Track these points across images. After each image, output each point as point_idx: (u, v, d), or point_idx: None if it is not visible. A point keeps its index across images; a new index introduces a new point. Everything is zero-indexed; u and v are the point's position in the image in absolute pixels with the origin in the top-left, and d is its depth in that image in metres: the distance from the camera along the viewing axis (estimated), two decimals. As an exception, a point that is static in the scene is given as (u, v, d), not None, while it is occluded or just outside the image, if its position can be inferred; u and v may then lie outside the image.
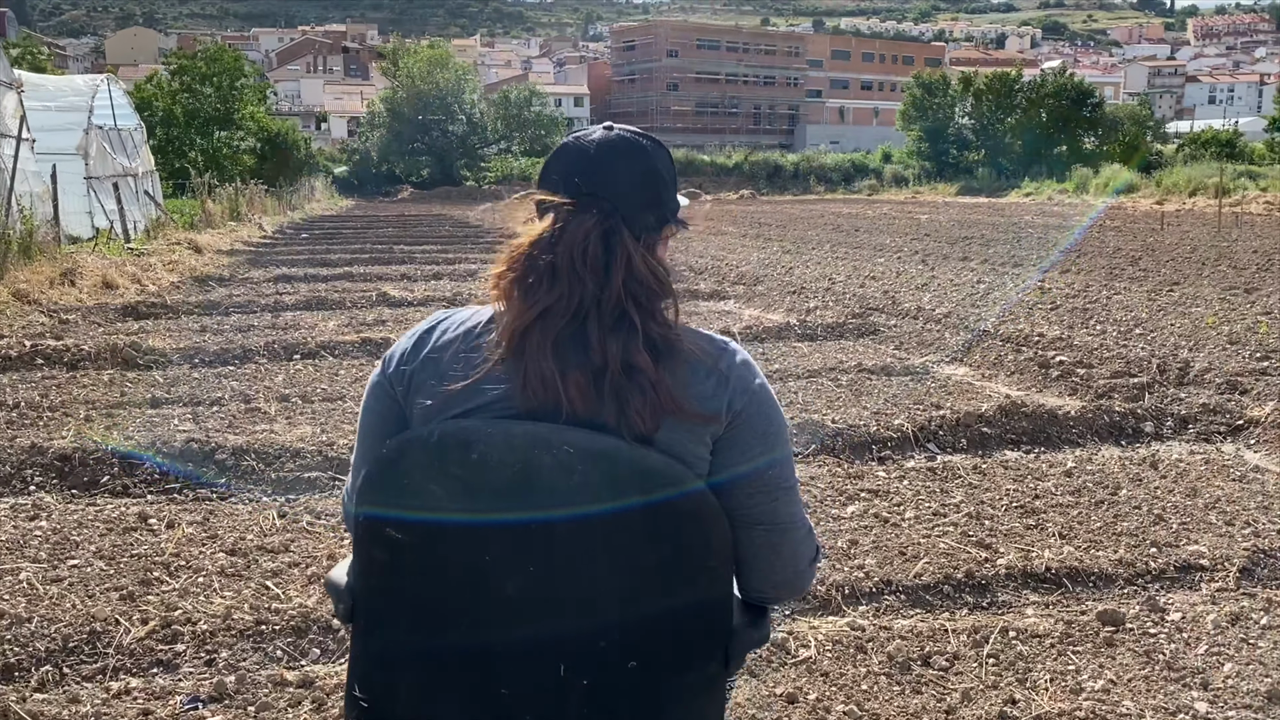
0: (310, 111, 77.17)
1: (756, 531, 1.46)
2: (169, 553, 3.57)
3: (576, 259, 1.36)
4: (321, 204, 38.16)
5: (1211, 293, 10.38)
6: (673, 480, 1.33)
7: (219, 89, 38.89)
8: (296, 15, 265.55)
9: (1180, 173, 35.51)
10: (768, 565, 1.49)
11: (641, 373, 1.34)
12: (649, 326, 1.37)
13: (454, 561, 1.38)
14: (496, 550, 1.35)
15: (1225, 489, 4.35)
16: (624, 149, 1.46)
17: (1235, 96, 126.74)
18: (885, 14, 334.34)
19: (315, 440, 4.93)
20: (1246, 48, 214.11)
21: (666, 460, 1.34)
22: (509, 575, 1.35)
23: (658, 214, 1.47)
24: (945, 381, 6.70)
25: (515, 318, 1.37)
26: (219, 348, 7.47)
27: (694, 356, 1.40)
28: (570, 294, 1.35)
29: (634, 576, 1.36)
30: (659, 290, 1.40)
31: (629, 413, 1.33)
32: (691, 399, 1.38)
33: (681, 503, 1.34)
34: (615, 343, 1.34)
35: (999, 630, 3.01)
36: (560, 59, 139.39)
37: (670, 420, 1.36)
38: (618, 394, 1.33)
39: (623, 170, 1.44)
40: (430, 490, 1.34)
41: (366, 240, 19.86)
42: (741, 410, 1.41)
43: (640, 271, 1.39)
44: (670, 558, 1.36)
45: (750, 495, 1.44)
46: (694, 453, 1.39)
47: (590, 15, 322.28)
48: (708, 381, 1.40)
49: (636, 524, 1.34)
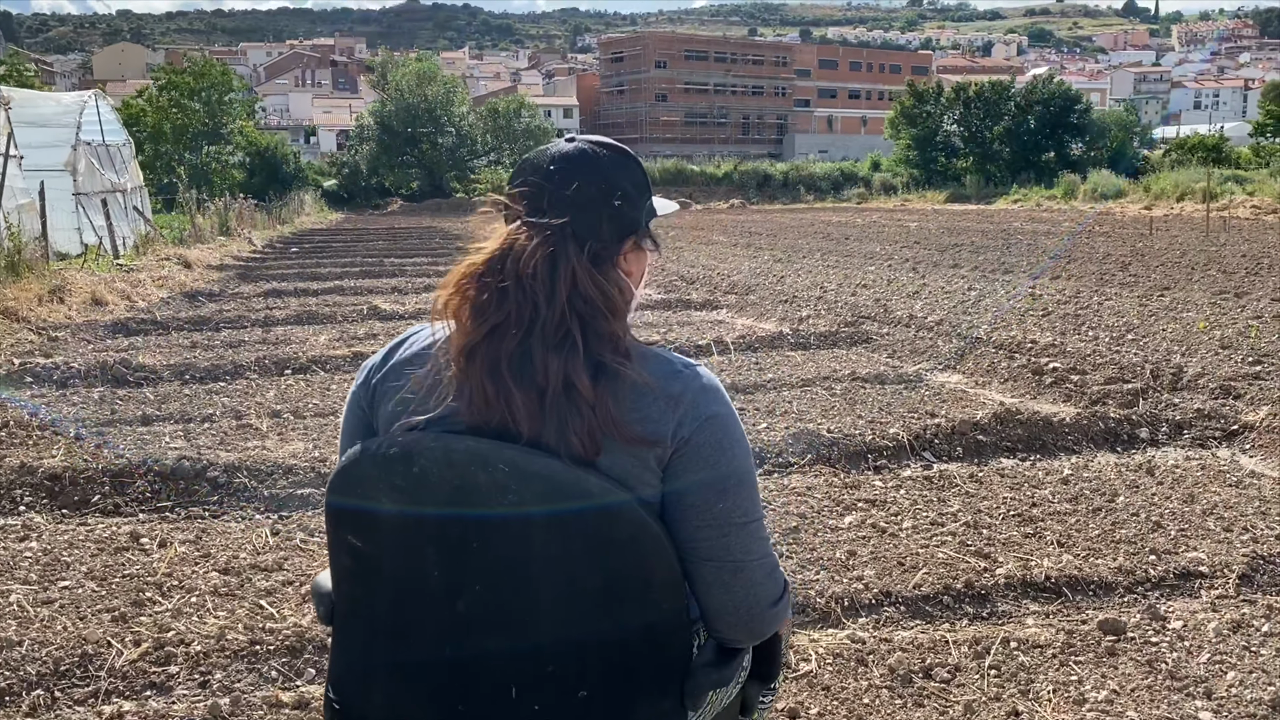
0: (299, 125, 77.16)
1: (707, 568, 1.40)
2: (161, 572, 3.54)
3: (525, 278, 1.34)
4: (311, 217, 38.07)
5: (1202, 297, 10.40)
6: (607, 505, 1.30)
7: (207, 104, 38.92)
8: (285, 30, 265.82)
9: (1167, 178, 35.66)
10: (719, 604, 1.42)
11: (580, 393, 1.31)
12: (593, 346, 1.34)
13: (406, 574, 1.38)
14: (443, 566, 1.35)
15: (1222, 495, 4.35)
16: (578, 162, 1.43)
17: (1220, 102, 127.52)
18: (872, 23, 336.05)
19: (308, 456, 4.90)
20: (1231, 53, 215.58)
21: (604, 485, 1.30)
22: (457, 592, 1.35)
23: (616, 227, 1.44)
24: (939, 389, 6.69)
25: (463, 336, 1.35)
26: (210, 364, 7.43)
27: (643, 378, 1.35)
28: (519, 313, 1.33)
29: (575, 602, 1.34)
30: (606, 309, 1.37)
31: (567, 434, 1.30)
32: (634, 422, 1.33)
33: (616, 529, 1.31)
34: (556, 362, 1.31)
35: (1000, 641, 2.99)
36: (549, 71, 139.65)
37: (613, 443, 1.32)
38: (558, 414, 1.31)
39: (576, 184, 1.41)
40: (380, 501, 1.35)
41: (357, 253, 19.82)
42: (690, 437, 1.36)
43: (586, 290, 1.35)
44: (609, 585, 1.34)
45: (698, 529, 1.38)
46: (640, 478, 1.35)
47: (578, 27, 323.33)
48: (655, 404, 1.35)
49: (573, 548, 1.32)
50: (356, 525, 1.39)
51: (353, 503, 1.38)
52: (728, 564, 1.39)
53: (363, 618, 1.45)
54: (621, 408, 1.33)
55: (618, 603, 1.35)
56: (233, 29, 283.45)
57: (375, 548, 1.39)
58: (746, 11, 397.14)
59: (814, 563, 3.61)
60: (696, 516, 1.37)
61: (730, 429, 1.39)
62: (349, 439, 1.51)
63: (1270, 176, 32.85)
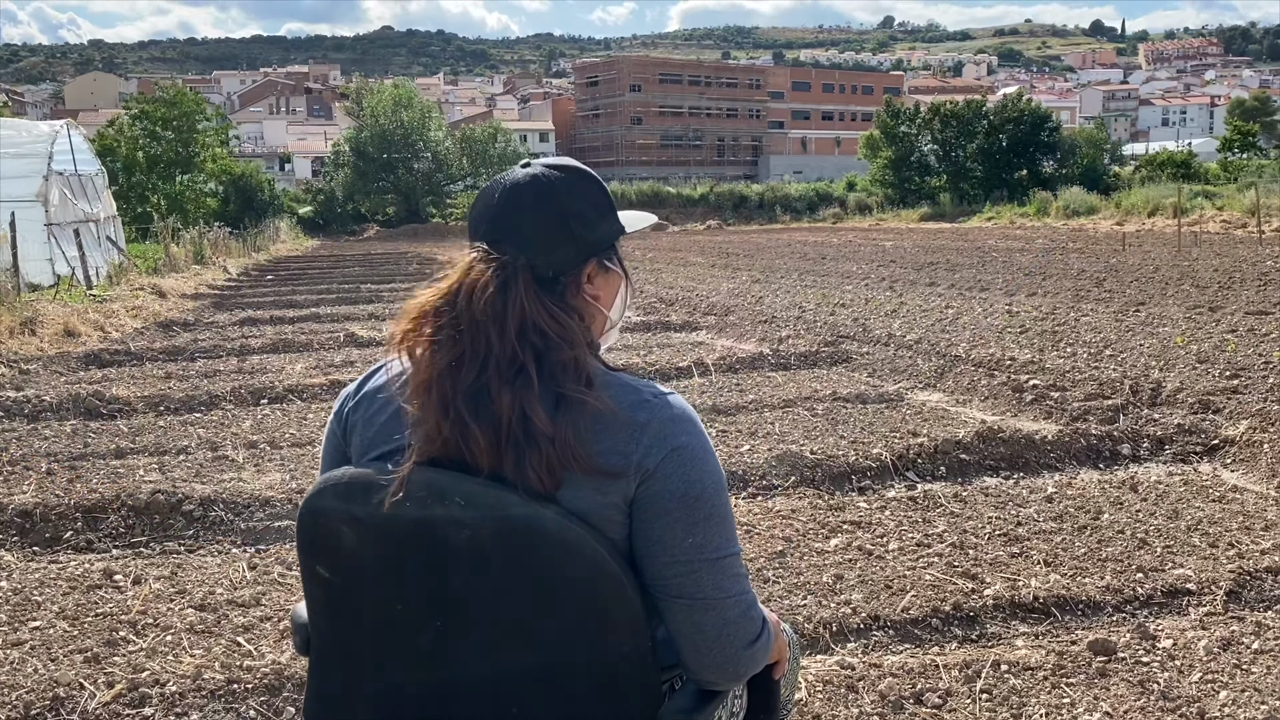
0: (274, 152, 76.99)
1: (678, 606, 1.34)
2: (135, 610, 3.45)
3: (476, 312, 1.31)
4: (287, 245, 37.89)
5: (1177, 312, 10.48)
6: (564, 541, 1.26)
7: (179, 132, 38.74)
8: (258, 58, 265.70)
9: (1138, 194, 36.09)
10: (692, 645, 1.35)
11: (536, 426, 1.27)
12: (551, 377, 1.30)
13: (371, 608, 1.36)
14: (405, 601, 1.33)
15: (1206, 510, 4.34)
16: (529, 190, 1.40)
17: (1188, 118, 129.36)
18: (843, 45, 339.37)
19: (285, 487, 4.82)
20: (1196, 71, 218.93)
21: (561, 521, 1.26)
22: (420, 628, 1.33)
23: (573, 252, 1.40)
24: (920, 408, 6.68)
25: (419, 372, 1.32)
26: (185, 394, 7.34)
27: (606, 407, 1.31)
28: (473, 348, 1.30)
29: (534, 642, 1.31)
30: (561, 340, 1.33)
31: (525, 467, 1.27)
32: (596, 454, 1.29)
33: (571, 567, 1.27)
34: (509, 395, 1.28)
35: (990, 664, 2.96)
36: (524, 95, 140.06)
37: (574, 476, 1.28)
38: (514, 448, 1.27)
39: (528, 211, 1.38)
40: (343, 533, 1.33)
41: (333, 280, 19.72)
42: (655, 469, 1.30)
43: (538, 322, 1.32)
44: (565, 624, 1.30)
45: (667, 565, 1.32)
46: (604, 514, 1.30)
47: (553, 52, 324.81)
48: (618, 435, 1.30)
49: (529, 585, 1.28)
50: (323, 556, 1.37)
51: (318, 535, 1.36)
52: (699, 602, 1.33)
53: (334, 649, 1.44)
54: (583, 439, 1.29)
55: (575, 642, 1.31)
56: (206, 57, 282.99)
57: (342, 579, 1.37)
58: (719, 35, 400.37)
59: (801, 587, 3.57)
60: (664, 552, 1.32)
61: (699, 460, 1.34)
62: (326, 469, 1.48)
63: (1238, 191, 33.27)
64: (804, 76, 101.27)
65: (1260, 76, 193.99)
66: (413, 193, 50.96)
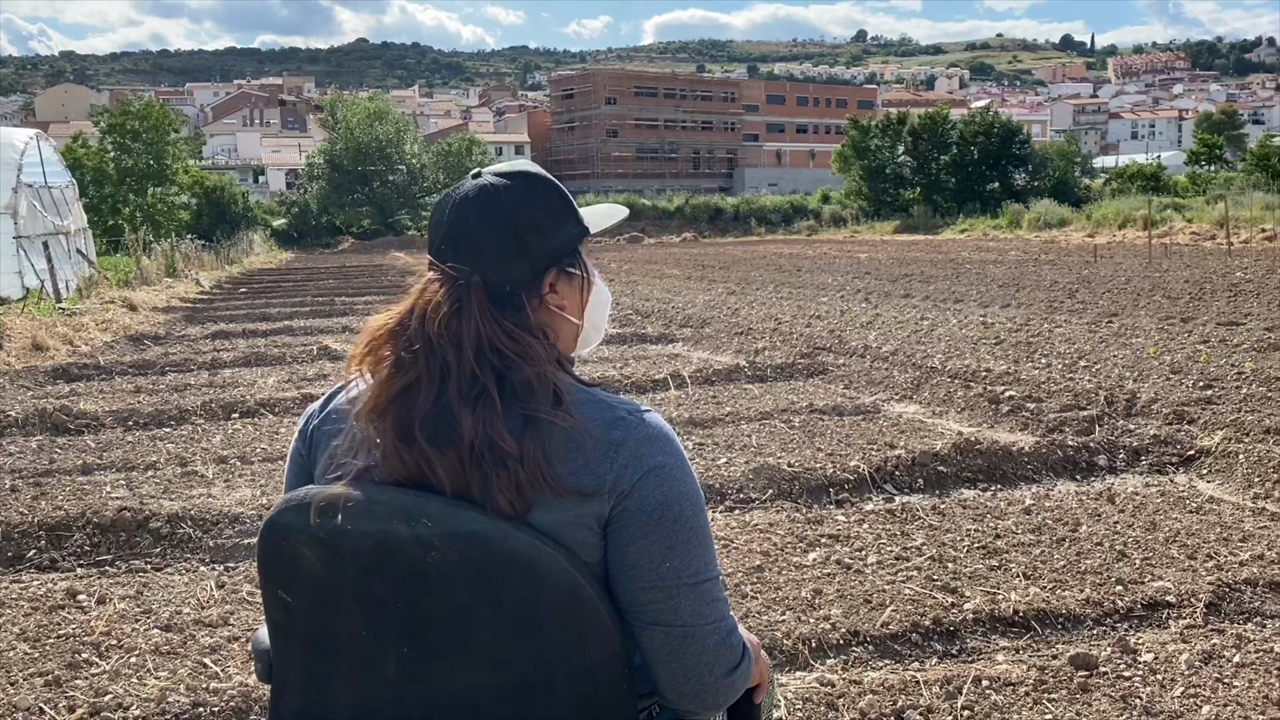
0: (248, 165, 76.53)
1: (654, 633, 1.28)
2: (99, 631, 3.37)
3: (432, 334, 1.26)
4: (260, 257, 37.65)
5: (1149, 323, 10.54)
6: (536, 564, 1.20)
7: (150, 145, 38.42)
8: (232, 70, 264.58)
9: (1109, 206, 36.47)
10: (669, 673, 1.30)
11: (503, 448, 1.21)
12: (515, 396, 1.25)
13: (335, 631, 1.30)
14: (370, 625, 1.27)
15: (1183, 521, 4.34)
16: (478, 203, 1.34)
17: (1156, 131, 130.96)
18: (817, 59, 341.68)
19: (255, 504, 4.74)
20: (1164, 85, 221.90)
21: (533, 543, 1.20)
22: (386, 654, 1.27)
23: (530, 264, 1.34)
24: (897, 420, 6.67)
25: (375, 396, 1.27)
26: (154, 409, 7.23)
27: (576, 426, 1.25)
28: (429, 371, 1.25)
29: (506, 668, 1.25)
30: (520, 358, 1.27)
31: (493, 490, 1.21)
32: (566, 474, 1.24)
33: (544, 590, 1.21)
34: (471, 419, 1.22)
35: (972, 680, 2.92)
36: (500, 108, 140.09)
37: (545, 498, 1.23)
38: (481, 471, 1.22)
39: (478, 226, 1.32)
40: (305, 555, 1.27)
41: (307, 293, 19.57)
42: (630, 490, 1.25)
43: (495, 341, 1.26)
44: (539, 650, 1.24)
45: (643, 590, 1.27)
46: (577, 537, 1.25)
47: (528, 65, 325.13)
48: (591, 454, 1.25)
49: (500, 609, 1.23)
50: (284, 578, 1.31)
51: (279, 557, 1.30)
52: (677, 629, 1.28)
53: (296, 676, 1.38)
54: (553, 459, 1.23)
55: (549, 669, 1.26)
56: (179, 69, 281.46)
57: (305, 604, 1.31)
58: (694, 48, 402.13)
59: (779, 603, 3.53)
60: (641, 577, 1.26)
61: (677, 480, 1.28)
62: (290, 489, 1.43)
63: (1207, 204, 33.69)
64: (778, 90, 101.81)
65: (1227, 91, 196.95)
66: (388, 205, 50.79)
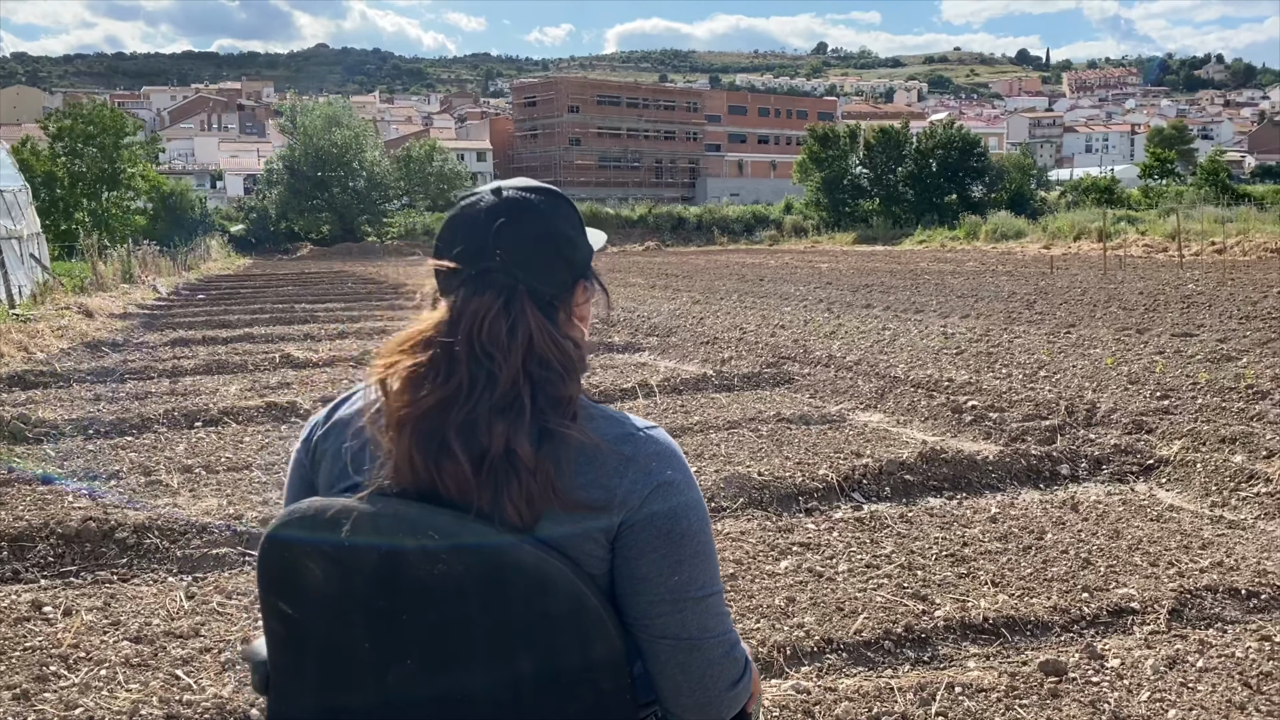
0: (205, 170, 75.65)
1: (661, 646, 1.30)
2: (67, 643, 3.32)
3: (476, 343, 1.25)
4: (218, 263, 37.22)
5: (1106, 334, 10.74)
6: (542, 577, 1.21)
7: (104, 149, 37.82)
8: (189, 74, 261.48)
9: (1064, 218, 37.06)
10: (674, 685, 1.32)
11: (520, 459, 1.22)
12: (541, 408, 1.26)
13: (335, 645, 1.30)
14: (373, 637, 1.27)
15: (1145, 529, 4.43)
16: (515, 212, 1.34)
17: (1110, 145, 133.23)
18: (778, 70, 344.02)
19: (222, 513, 4.69)
20: (1117, 99, 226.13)
21: (540, 556, 1.21)
22: (388, 665, 1.27)
23: (566, 275, 1.36)
24: (863, 429, 6.74)
25: (404, 406, 1.25)
26: (115, 417, 7.13)
27: (590, 440, 1.27)
28: (471, 382, 1.24)
29: (510, 680, 1.26)
30: (562, 368, 1.29)
31: (502, 501, 1.22)
32: (578, 488, 1.25)
33: (551, 603, 1.22)
34: (502, 425, 1.23)
35: (945, 686, 2.97)
36: (461, 115, 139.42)
37: (554, 511, 1.24)
38: (494, 481, 1.22)
39: (518, 236, 1.32)
40: (307, 567, 1.27)
41: (266, 299, 19.38)
42: (641, 504, 1.26)
43: (544, 351, 1.27)
44: (544, 663, 1.25)
45: (652, 604, 1.28)
46: (585, 550, 1.26)
47: (490, 72, 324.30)
48: (602, 469, 1.27)
49: (505, 622, 1.23)
50: (285, 591, 1.31)
51: (281, 568, 1.30)
52: (684, 641, 1.30)
53: (296, 688, 1.37)
54: (564, 473, 1.25)
55: (554, 682, 1.26)
56: (135, 72, 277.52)
57: (305, 614, 1.31)
58: (656, 58, 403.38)
59: (753, 610, 3.56)
60: (650, 590, 1.28)
61: (685, 495, 1.30)
62: (292, 500, 1.43)
63: (1159, 217, 34.33)
64: (740, 100, 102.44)
65: (1177, 106, 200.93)
66: (348, 211, 50.43)
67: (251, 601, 3.69)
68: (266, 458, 6.09)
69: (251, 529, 4.42)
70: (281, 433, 6.85)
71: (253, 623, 3.52)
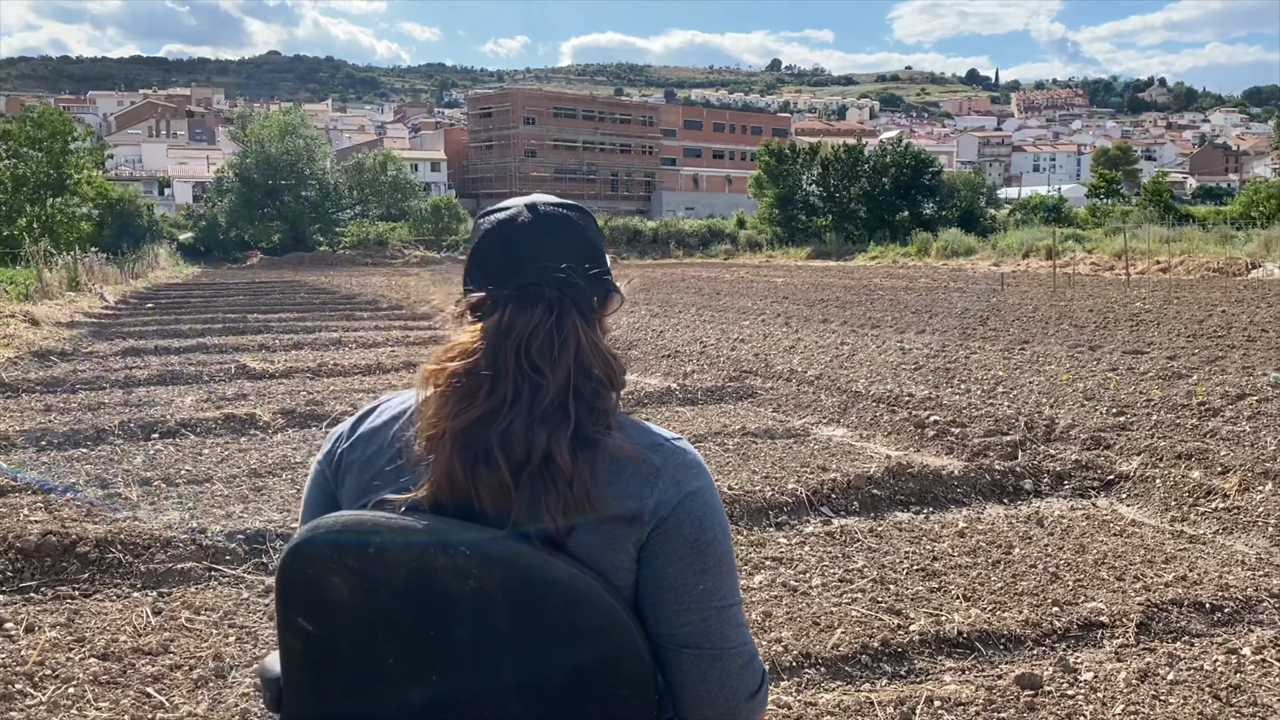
0: (153, 177, 74.41)
1: (684, 656, 1.30)
2: (32, 661, 3.24)
3: (525, 357, 1.26)
4: (166, 272, 36.61)
5: (1060, 350, 10.92)
6: (574, 592, 1.21)
7: (50, 154, 37.04)
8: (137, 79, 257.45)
9: (1013, 236, 37.71)
10: (694, 696, 1.32)
11: (559, 468, 1.23)
12: (583, 419, 1.27)
13: (357, 661, 1.28)
14: (398, 654, 1.26)
15: (1109, 544, 4.50)
16: (555, 226, 1.35)
17: (1057, 165, 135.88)
18: (733, 86, 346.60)
19: (185, 527, 4.61)
20: (1064, 120, 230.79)
21: (571, 570, 1.22)
22: (412, 682, 1.26)
23: (600, 286, 1.38)
24: (827, 443, 6.79)
25: (448, 418, 1.25)
26: (68, 428, 6.97)
27: (622, 451, 1.28)
28: (515, 394, 1.25)
29: (537, 695, 1.26)
30: (606, 379, 1.30)
31: (540, 511, 1.22)
32: (610, 497, 1.26)
33: (582, 618, 1.22)
34: (543, 434, 1.23)
35: (924, 700, 2.99)
36: (415, 124, 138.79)
37: (586, 522, 1.24)
38: (532, 491, 1.23)
39: (560, 250, 1.34)
40: (332, 582, 1.25)
41: (218, 309, 19.09)
42: (670, 515, 1.28)
43: (589, 363, 1.29)
44: (573, 677, 1.25)
45: (676, 613, 1.29)
46: (613, 561, 1.27)
47: (444, 82, 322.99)
48: (633, 479, 1.28)
49: (536, 637, 1.23)
50: (307, 607, 1.29)
51: (303, 583, 1.28)
52: (706, 652, 1.31)
53: (312, 705, 1.35)
54: (599, 481, 1.26)
55: (582, 697, 1.26)
56: (80, 76, 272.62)
57: (327, 631, 1.29)
58: (612, 72, 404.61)
59: (730, 625, 3.56)
60: (675, 599, 1.29)
61: (712, 505, 1.32)
62: (311, 514, 1.40)
63: (1106, 235, 35.05)
64: (696, 115, 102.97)
65: (1122, 127, 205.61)
66: (300, 220, 49.89)
67: (221, 617, 3.63)
68: (227, 470, 5.99)
69: (218, 543, 4.34)
70: (241, 445, 6.74)
71: (222, 639, 3.46)
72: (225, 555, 4.31)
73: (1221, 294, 19.19)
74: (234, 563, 4.26)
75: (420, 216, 53.47)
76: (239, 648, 3.38)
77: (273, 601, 1.42)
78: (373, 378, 9.83)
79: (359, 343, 12.57)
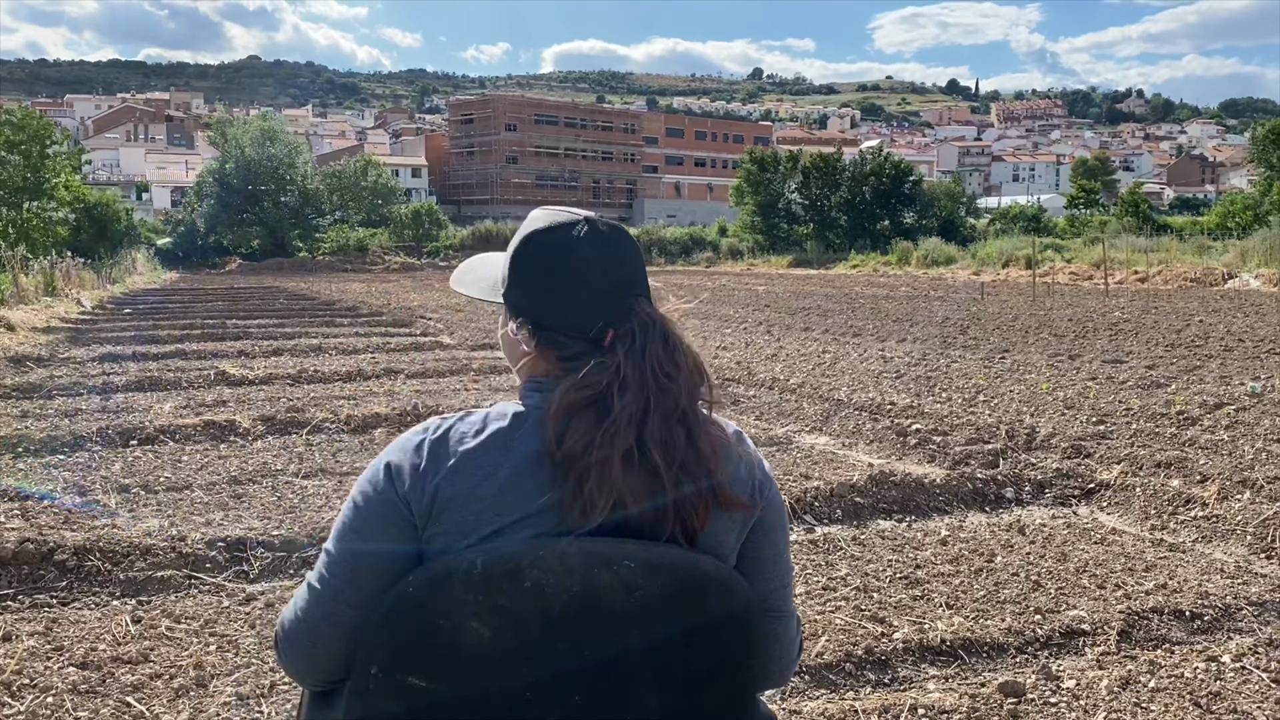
0: (131, 181, 73.93)
1: (769, 620, 1.43)
2: (10, 670, 3.20)
3: (650, 371, 1.31)
4: (144, 277, 36.41)
5: (1040, 359, 11.00)
6: (725, 582, 1.30)
7: (28, 157, 36.72)
8: (115, 83, 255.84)
9: (993, 245, 38.00)
10: (770, 654, 1.45)
11: (700, 465, 1.30)
12: (699, 417, 1.34)
13: (491, 702, 1.24)
14: (541, 683, 1.23)
15: (1090, 552, 4.53)
16: (617, 238, 1.41)
17: (1036, 175, 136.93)
18: (715, 94, 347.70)
19: (165, 534, 4.56)
20: (1043, 130, 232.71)
21: (717, 564, 1.30)
22: (551, 709, 1.24)
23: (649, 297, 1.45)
24: (810, 451, 6.80)
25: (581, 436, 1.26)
26: (45, 435, 6.90)
27: (728, 440, 1.37)
28: (636, 403, 1.29)
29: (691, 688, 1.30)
30: (701, 377, 1.38)
31: (685, 510, 1.29)
32: (729, 482, 1.34)
33: (731, 605, 1.30)
34: (680, 436, 1.30)
35: (908, 709, 3.00)
36: (396, 130, 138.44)
37: (719, 511, 1.33)
38: (678, 489, 1.29)
39: (635, 264, 1.41)
40: (471, 628, 1.21)
41: (196, 315, 18.98)
42: (768, 495, 1.40)
43: (695, 364, 1.38)
44: (720, 663, 1.32)
45: (768, 582, 1.42)
46: (726, 544, 1.36)
47: (426, 88, 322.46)
48: (738, 466, 1.37)
49: (691, 632, 1.28)
50: (430, 661, 1.22)
51: (431, 634, 1.21)
52: (784, 615, 1.46)
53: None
54: (725, 473, 1.34)
55: (727, 680, 1.34)
56: (57, 79, 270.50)
57: (452, 681, 1.23)
58: (594, 79, 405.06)
59: (714, 634, 3.56)
60: (769, 570, 1.42)
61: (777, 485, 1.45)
62: (381, 557, 1.30)
63: (1084, 245, 35.36)
64: (677, 123, 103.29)
65: (1100, 138, 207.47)
66: (279, 226, 49.71)
67: (202, 626, 3.59)
68: (207, 477, 5.95)
69: (197, 551, 4.31)
70: (221, 451, 6.70)
71: (203, 648, 3.43)
72: (205, 563, 4.27)
73: (1199, 304, 19.38)
74: (214, 571, 4.23)
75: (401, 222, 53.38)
76: (220, 656, 3.36)
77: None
78: (353, 384, 9.78)
79: (339, 349, 12.51)
